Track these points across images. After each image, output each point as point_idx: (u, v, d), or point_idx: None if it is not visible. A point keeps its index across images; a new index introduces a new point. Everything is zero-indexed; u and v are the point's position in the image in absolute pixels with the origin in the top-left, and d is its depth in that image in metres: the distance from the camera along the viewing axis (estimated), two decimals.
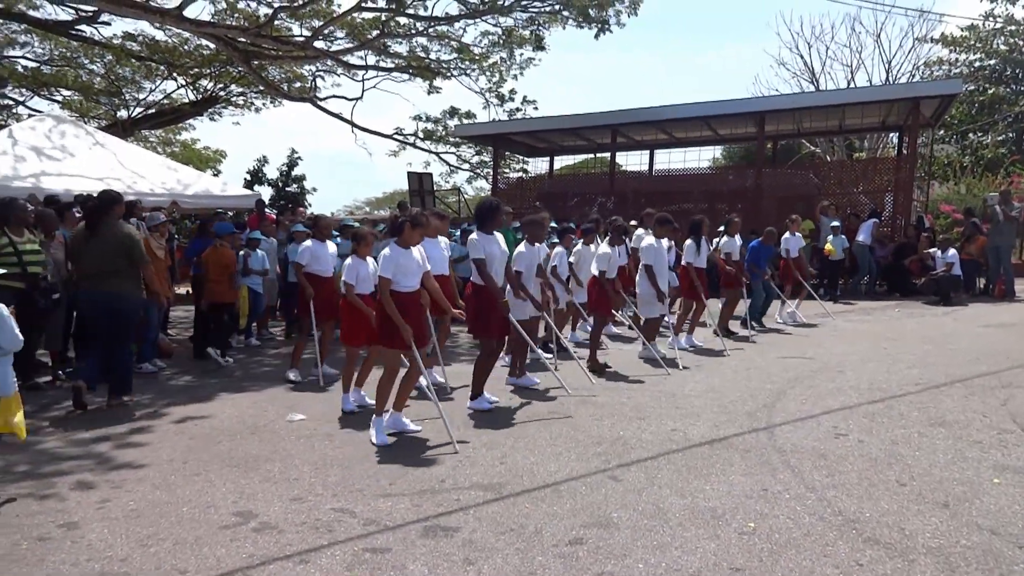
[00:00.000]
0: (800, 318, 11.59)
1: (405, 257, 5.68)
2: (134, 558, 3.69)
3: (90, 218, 6.81)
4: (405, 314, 5.57)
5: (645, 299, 8.71)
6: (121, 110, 23.08)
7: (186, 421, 6.29)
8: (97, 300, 6.67)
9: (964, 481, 4.62)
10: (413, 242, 5.81)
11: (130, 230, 6.91)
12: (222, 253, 8.95)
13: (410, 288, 5.73)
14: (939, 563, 3.53)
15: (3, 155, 12.08)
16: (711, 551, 3.70)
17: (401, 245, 5.73)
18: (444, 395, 7.02)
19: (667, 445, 5.43)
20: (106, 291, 6.60)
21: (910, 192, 16.92)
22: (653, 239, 8.70)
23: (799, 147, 28.95)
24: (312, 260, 7.65)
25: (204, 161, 29.96)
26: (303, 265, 7.63)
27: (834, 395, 6.86)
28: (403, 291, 5.66)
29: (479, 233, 6.56)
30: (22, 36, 20.09)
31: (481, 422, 6.15)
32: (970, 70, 26.90)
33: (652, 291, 8.54)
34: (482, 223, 6.65)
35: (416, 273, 5.77)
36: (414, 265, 5.74)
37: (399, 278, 5.62)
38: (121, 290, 6.65)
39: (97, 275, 6.62)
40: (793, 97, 21.00)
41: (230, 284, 8.91)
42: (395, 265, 5.58)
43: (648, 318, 8.85)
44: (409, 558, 3.66)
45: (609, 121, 18.81)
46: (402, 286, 5.65)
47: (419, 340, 5.73)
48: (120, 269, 6.63)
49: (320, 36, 16.81)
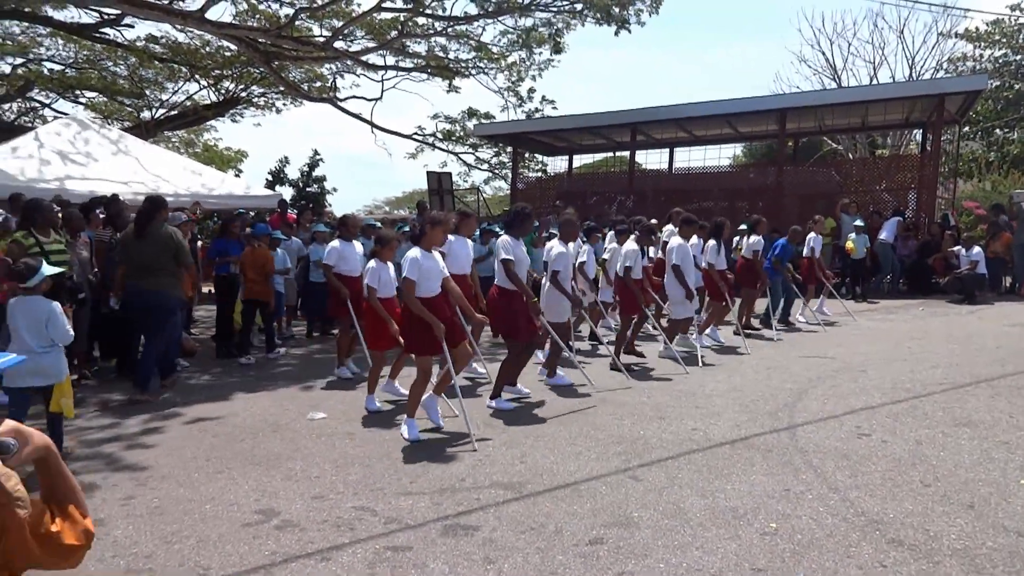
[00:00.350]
0: (828, 314, 11.54)
1: (430, 261, 5.71)
2: (158, 555, 3.73)
3: (139, 220, 7.21)
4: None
5: (676, 300, 8.76)
6: (144, 111, 23.34)
7: (209, 419, 6.35)
8: (141, 295, 7.07)
9: (990, 482, 4.56)
10: (436, 242, 5.88)
11: (175, 232, 7.34)
12: (259, 253, 9.15)
13: (433, 293, 5.74)
14: (965, 565, 3.49)
15: (29, 158, 12.26)
16: (732, 551, 3.68)
17: (425, 247, 5.76)
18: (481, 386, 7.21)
19: (688, 445, 5.41)
20: (149, 288, 7.00)
21: (934, 190, 16.73)
22: (680, 239, 8.79)
23: (821, 144, 28.70)
24: (339, 260, 7.66)
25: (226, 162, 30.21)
26: (331, 266, 7.64)
27: (857, 395, 6.80)
28: (427, 296, 5.67)
29: (508, 236, 6.67)
30: (47, 39, 20.36)
31: (501, 421, 6.16)
32: (995, 65, 26.53)
33: (682, 291, 8.62)
34: (512, 228, 6.77)
35: (438, 278, 5.79)
36: (437, 269, 5.77)
37: (423, 282, 5.63)
38: (162, 288, 7.07)
39: (143, 273, 7.03)
40: (815, 94, 20.77)
41: (266, 283, 9.09)
42: (420, 269, 5.59)
43: (675, 319, 8.89)
44: (430, 556, 3.68)
45: (628, 119, 18.75)
46: (425, 290, 5.66)
47: (452, 338, 5.76)
48: (164, 268, 7.08)
49: (340, 36, 16.89)
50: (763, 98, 18.63)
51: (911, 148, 26.20)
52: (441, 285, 5.86)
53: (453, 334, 5.84)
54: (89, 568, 3.59)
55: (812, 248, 11.56)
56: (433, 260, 5.76)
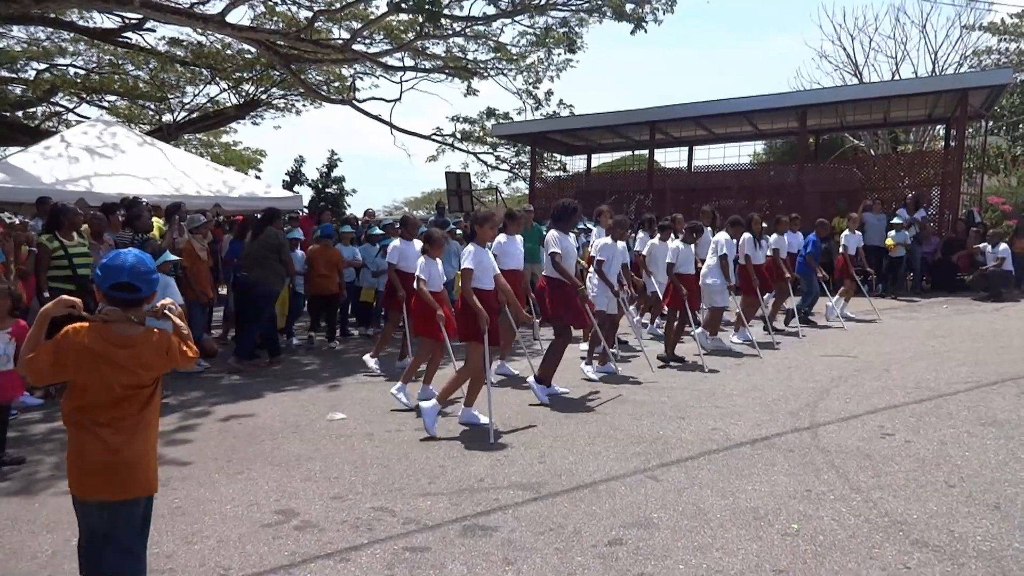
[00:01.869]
0: (851, 314, 11.44)
1: (483, 255, 6.07)
2: (179, 555, 3.76)
3: (258, 223, 9.02)
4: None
5: (716, 288, 9.08)
6: (166, 114, 23.59)
7: (229, 420, 6.39)
8: (252, 284, 8.65)
9: (1016, 482, 4.48)
10: (488, 237, 6.27)
11: (280, 234, 8.94)
12: (329, 251, 10.12)
13: (486, 287, 6.06)
14: (990, 567, 3.44)
15: (57, 158, 12.43)
16: (753, 552, 3.64)
17: (480, 243, 6.14)
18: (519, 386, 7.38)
19: (708, 444, 5.38)
20: (257, 279, 8.63)
21: (958, 186, 16.49)
22: (726, 235, 9.23)
23: (842, 141, 28.40)
24: (401, 258, 8.04)
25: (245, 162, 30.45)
26: (395, 263, 8.06)
27: (879, 394, 6.72)
28: (481, 288, 5.99)
29: (556, 230, 6.99)
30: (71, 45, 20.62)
31: (520, 421, 6.15)
32: (1020, 59, 26.10)
33: (725, 281, 9.03)
34: (559, 222, 7.09)
35: (488, 273, 6.10)
36: (490, 264, 6.13)
37: (479, 273, 5.98)
38: (267, 278, 8.66)
39: (253, 266, 8.64)
40: (836, 90, 20.54)
41: (334, 277, 10.06)
42: (478, 260, 5.98)
43: (713, 307, 9.22)
44: (448, 557, 3.68)
45: (647, 118, 18.68)
46: (480, 283, 6.00)
47: (493, 336, 6.00)
48: (270, 263, 8.66)
49: (358, 39, 16.96)
50: (783, 95, 18.48)
51: (935, 144, 25.84)
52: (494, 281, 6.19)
53: (495, 332, 6.08)
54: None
55: (845, 247, 11.49)
56: (487, 255, 6.12)
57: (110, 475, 2.77)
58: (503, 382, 7.62)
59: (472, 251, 6.02)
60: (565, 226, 7.09)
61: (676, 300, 8.52)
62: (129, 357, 2.77)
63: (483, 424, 5.88)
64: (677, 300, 8.50)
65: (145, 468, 2.87)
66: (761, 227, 10.19)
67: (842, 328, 10.63)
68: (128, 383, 2.78)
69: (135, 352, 2.78)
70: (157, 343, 2.84)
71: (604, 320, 7.79)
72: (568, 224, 7.14)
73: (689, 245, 8.68)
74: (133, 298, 2.79)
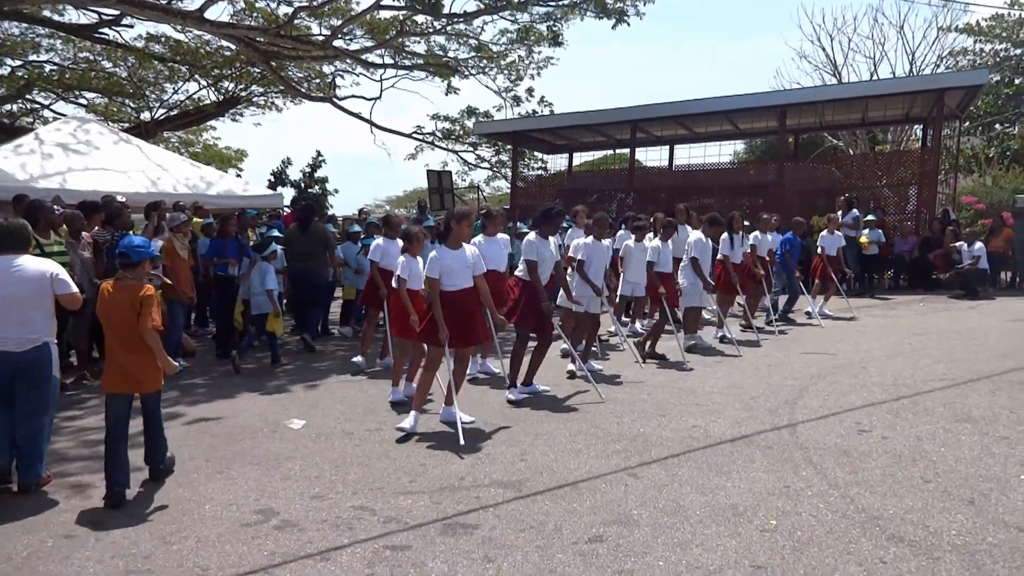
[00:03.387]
0: (828, 312, 11.52)
1: (451, 258, 5.88)
2: (157, 555, 3.72)
3: (303, 218, 9.81)
4: (448, 313, 5.75)
5: (689, 290, 9.00)
6: (144, 112, 23.33)
7: (208, 420, 6.34)
8: (303, 275, 9.59)
9: (990, 477, 4.55)
10: (464, 237, 6.04)
11: (325, 228, 10.03)
12: None
13: (455, 287, 5.89)
14: (965, 561, 3.48)
15: (31, 155, 12.26)
16: (732, 548, 3.67)
17: (451, 245, 5.96)
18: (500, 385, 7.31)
19: (688, 442, 5.40)
20: (307, 268, 9.55)
21: (934, 185, 16.70)
22: (701, 235, 9.10)
23: (821, 140, 28.65)
24: (383, 256, 7.91)
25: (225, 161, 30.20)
26: (376, 261, 7.92)
27: (857, 391, 6.79)
28: (450, 290, 5.86)
29: (536, 236, 6.89)
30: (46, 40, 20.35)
31: (501, 419, 6.15)
32: (996, 60, 26.45)
33: (698, 282, 8.91)
34: (540, 226, 6.99)
35: (462, 273, 5.92)
36: (460, 265, 5.91)
37: (446, 277, 5.84)
38: (318, 270, 9.69)
39: (304, 258, 9.52)
40: (815, 90, 20.75)
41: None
42: (441, 266, 5.81)
43: (688, 307, 9.13)
44: (429, 556, 3.67)
45: (628, 117, 18.74)
46: (448, 285, 5.86)
47: (461, 339, 5.91)
48: (318, 254, 9.67)
49: (339, 35, 16.87)
50: (763, 94, 18.62)
51: (912, 144, 26.12)
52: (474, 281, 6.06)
53: (474, 332, 6.04)
54: (88, 569, 3.59)
55: (822, 247, 11.56)
56: (459, 256, 5.92)
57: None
58: (484, 380, 7.62)
59: (435, 256, 5.86)
60: (547, 230, 6.99)
61: (655, 299, 8.53)
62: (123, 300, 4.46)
63: (466, 422, 5.86)
64: (656, 298, 8.51)
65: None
66: (743, 226, 10.22)
67: (820, 326, 10.72)
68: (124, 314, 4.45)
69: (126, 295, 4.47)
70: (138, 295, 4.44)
71: (586, 320, 7.70)
72: (550, 228, 7.03)
73: (666, 243, 8.71)
74: (127, 262, 4.53)
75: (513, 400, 6.66)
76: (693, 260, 8.91)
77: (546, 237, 6.97)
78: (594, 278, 7.54)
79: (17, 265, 4.59)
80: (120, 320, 4.43)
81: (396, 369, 6.93)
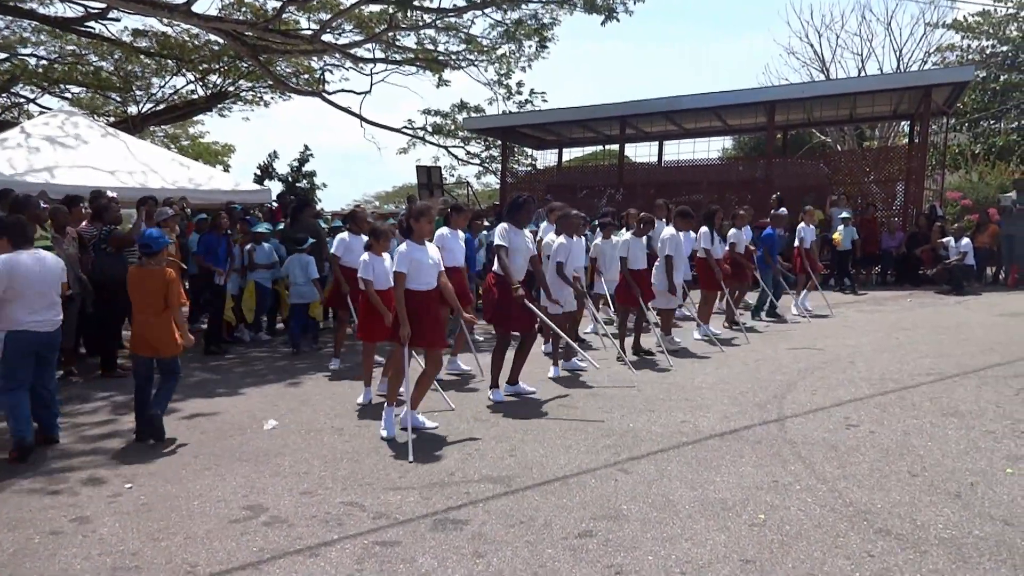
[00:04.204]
0: (810, 308, 11.50)
1: (420, 253, 5.57)
2: (145, 552, 3.71)
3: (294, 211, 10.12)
4: (414, 313, 5.46)
5: (661, 291, 8.69)
6: (131, 106, 23.16)
7: (196, 416, 6.31)
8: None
9: (977, 471, 4.58)
10: (426, 233, 5.73)
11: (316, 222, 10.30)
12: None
13: (424, 287, 5.59)
14: (951, 554, 3.51)
15: (16, 149, 12.14)
16: (721, 543, 3.68)
17: (416, 241, 5.63)
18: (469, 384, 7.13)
19: (677, 437, 5.42)
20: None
21: (922, 181, 16.78)
22: (674, 230, 8.78)
23: (809, 137, 28.74)
24: (346, 252, 7.74)
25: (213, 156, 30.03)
26: (339, 256, 7.77)
27: (845, 386, 6.82)
28: (418, 289, 5.54)
29: (509, 225, 6.61)
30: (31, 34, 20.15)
31: (491, 415, 6.15)
32: (982, 57, 26.61)
33: (665, 282, 8.60)
34: (511, 215, 6.73)
35: (430, 271, 5.62)
36: (428, 262, 5.61)
37: (413, 275, 5.51)
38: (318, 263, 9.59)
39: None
40: (803, 86, 20.80)
41: None
42: (410, 260, 5.48)
43: (663, 309, 8.86)
44: (419, 551, 3.67)
45: (618, 112, 18.72)
46: (416, 284, 5.54)
47: (425, 341, 5.59)
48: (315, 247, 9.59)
49: (328, 30, 16.78)
50: (752, 90, 18.62)
51: (899, 140, 26.26)
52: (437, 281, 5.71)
53: (436, 334, 5.70)
54: (75, 566, 3.56)
55: (802, 239, 11.56)
56: (424, 253, 5.61)
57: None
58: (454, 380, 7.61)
59: (403, 251, 5.52)
60: (518, 220, 6.66)
61: (629, 298, 8.22)
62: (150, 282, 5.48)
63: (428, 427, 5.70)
64: (630, 298, 8.20)
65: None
66: (722, 221, 10.07)
67: (807, 322, 10.75)
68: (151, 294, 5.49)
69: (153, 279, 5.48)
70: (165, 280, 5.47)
71: (565, 319, 7.42)
72: (520, 218, 6.68)
73: (640, 239, 8.42)
74: (149, 252, 5.51)
75: (496, 401, 6.50)
76: (667, 259, 8.60)
77: (520, 227, 6.65)
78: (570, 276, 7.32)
79: (40, 257, 5.33)
80: (149, 298, 5.45)
81: (366, 371, 6.72)
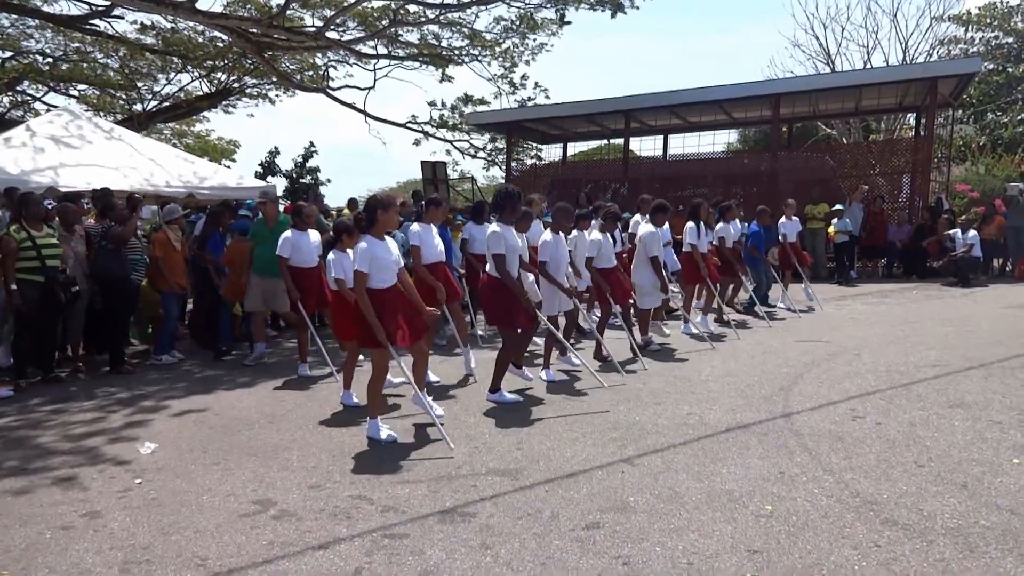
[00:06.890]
0: (791, 305, 11.12)
1: (382, 250, 5.25)
2: (155, 546, 3.74)
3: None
4: (383, 312, 5.19)
5: (644, 289, 8.47)
6: (136, 104, 23.20)
7: (205, 411, 6.35)
8: None
9: (983, 462, 4.59)
10: (391, 225, 5.47)
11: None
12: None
13: (386, 284, 5.31)
14: (958, 543, 3.52)
15: (22, 147, 12.19)
16: (728, 534, 3.70)
17: (376, 236, 5.30)
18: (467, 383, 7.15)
19: (683, 430, 5.43)
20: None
21: (928, 174, 16.72)
22: (651, 226, 8.48)
23: (815, 130, 28.65)
24: (293, 251, 7.38)
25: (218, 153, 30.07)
26: (286, 257, 7.35)
27: (851, 378, 6.82)
28: (380, 287, 5.26)
29: (500, 224, 6.24)
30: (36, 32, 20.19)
31: (497, 408, 6.17)
32: (988, 48, 26.48)
33: (652, 280, 8.38)
34: (501, 212, 6.36)
35: (391, 268, 5.32)
36: (390, 259, 5.30)
37: (375, 273, 5.21)
38: None
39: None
40: (808, 79, 20.67)
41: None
42: (371, 258, 5.17)
43: (643, 308, 8.61)
44: (427, 544, 3.69)
45: (622, 107, 18.70)
46: (378, 282, 5.25)
47: (406, 341, 5.36)
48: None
49: (332, 26, 16.78)
50: (757, 83, 18.55)
51: (905, 132, 26.16)
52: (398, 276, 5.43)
53: (413, 329, 5.46)
54: (87, 560, 3.60)
55: (784, 234, 11.48)
56: (385, 249, 5.29)
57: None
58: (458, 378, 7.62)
59: (363, 248, 5.17)
60: (509, 216, 6.30)
61: (600, 298, 7.92)
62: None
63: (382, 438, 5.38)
64: (601, 298, 7.91)
65: None
66: (708, 214, 9.80)
67: (797, 316, 10.64)
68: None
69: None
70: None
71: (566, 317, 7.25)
72: (511, 213, 6.31)
73: (606, 235, 8.00)
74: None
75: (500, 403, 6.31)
76: (653, 260, 8.33)
77: (511, 223, 6.30)
78: (555, 273, 6.90)
79: None
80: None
81: (347, 370, 6.51)
